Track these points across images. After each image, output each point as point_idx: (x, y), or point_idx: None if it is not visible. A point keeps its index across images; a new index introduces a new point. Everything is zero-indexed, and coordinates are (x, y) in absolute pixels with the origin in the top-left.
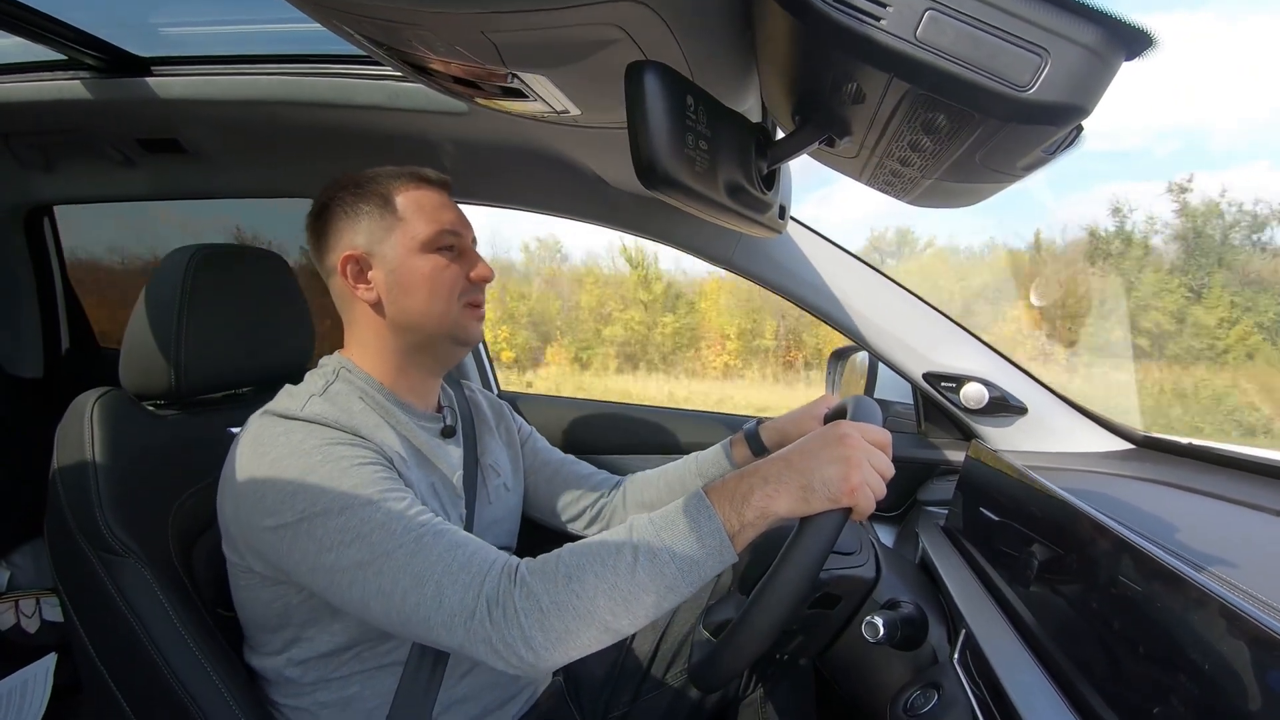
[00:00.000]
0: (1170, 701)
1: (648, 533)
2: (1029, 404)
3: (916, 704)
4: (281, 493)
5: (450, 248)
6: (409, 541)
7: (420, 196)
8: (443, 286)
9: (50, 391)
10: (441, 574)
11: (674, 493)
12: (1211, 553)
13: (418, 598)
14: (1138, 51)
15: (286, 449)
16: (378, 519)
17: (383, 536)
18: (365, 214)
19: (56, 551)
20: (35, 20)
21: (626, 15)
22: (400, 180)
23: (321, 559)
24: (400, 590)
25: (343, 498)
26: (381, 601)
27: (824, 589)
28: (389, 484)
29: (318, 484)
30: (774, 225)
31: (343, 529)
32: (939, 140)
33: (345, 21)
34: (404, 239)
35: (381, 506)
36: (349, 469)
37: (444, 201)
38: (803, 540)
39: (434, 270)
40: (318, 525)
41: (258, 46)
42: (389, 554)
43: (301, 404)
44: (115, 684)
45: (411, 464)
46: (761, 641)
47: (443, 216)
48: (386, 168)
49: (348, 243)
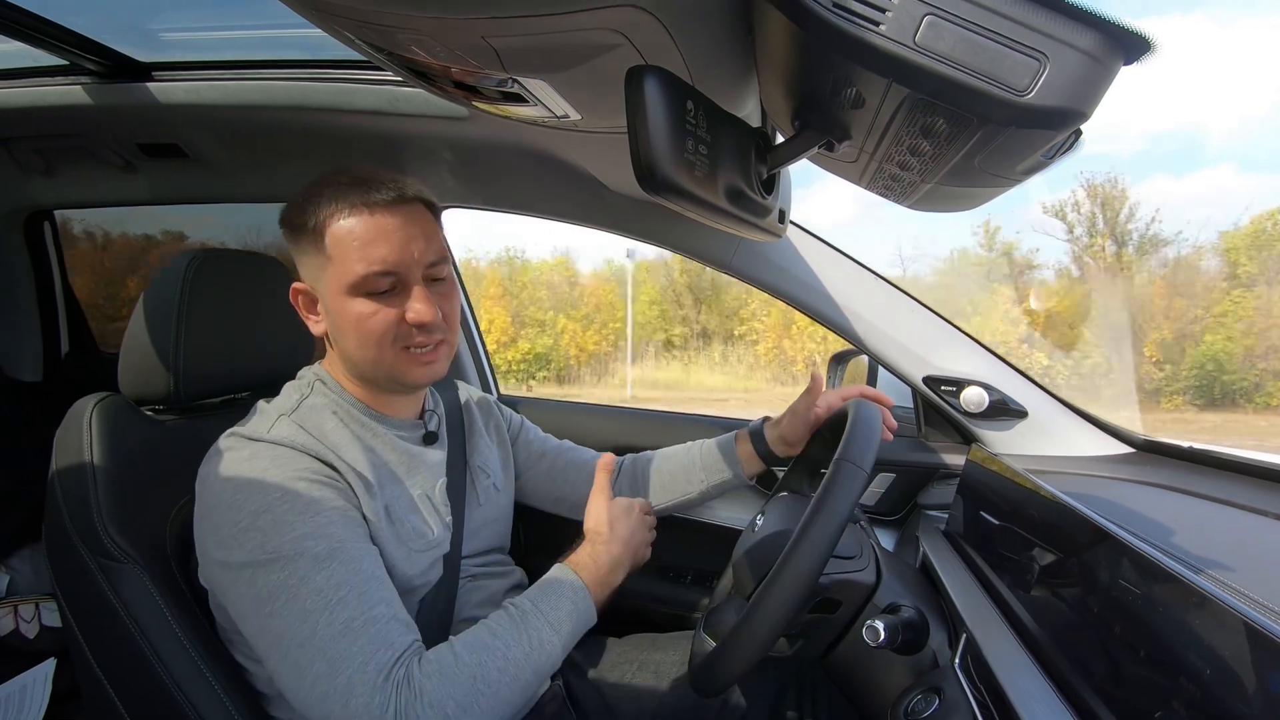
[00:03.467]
0: (1171, 705)
1: (537, 622)
2: (1029, 407)
3: (918, 708)
4: (234, 528)
5: (383, 291)
6: (338, 623)
7: (353, 228)
8: (372, 334)
9: (50, 395)
10: (355, 671)
11: (677, 481)
12: (1211, 556)
13: (327, 688)
14: (1136, 56)
15: (248, 478)
16: (314, 584)
17: (314, 609)
18: (303, 247)
19: (55, 557)
20: (36, 25)
21: (627, 20)
22: (335, 207)
23: (256, 610)
24: (313, 674)
25: (288, 549)
26: (295, 677)
27: (824, 593)
28: (340, 533)
29: (269, 525)
30: (774, 229)
31: (281, 586)
32: (938, 145)
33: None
34: (333, 280)
35: (324, 568)
36: (301, 514)
37: (383, 230)
38: (803, 545)
39: (360, 316)
40: (259, 576)
41: (258, 51)
42: (315, 632)
43: (269, 424)
44: (113, 689)
45: (386, 480)
46: (762, 645)
47: (373, 254)
48: (330, 183)
49: (300, 272)
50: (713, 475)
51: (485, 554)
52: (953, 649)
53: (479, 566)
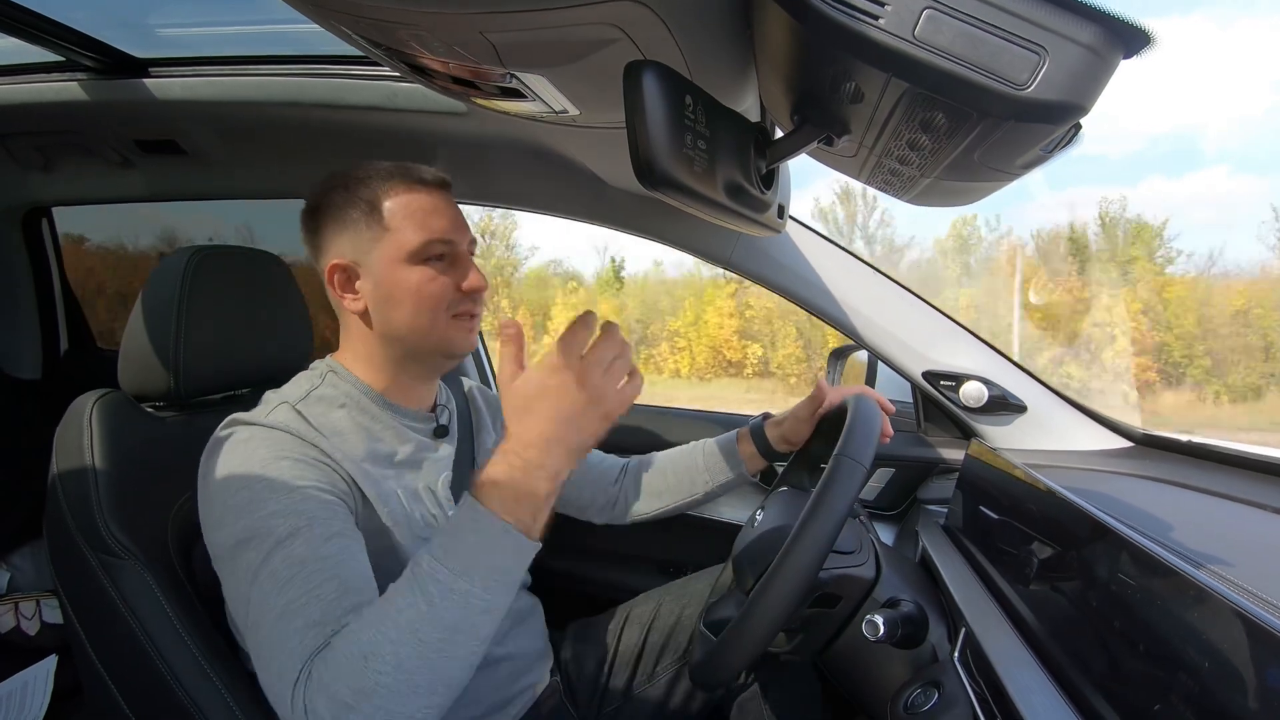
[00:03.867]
0: (1170, 699)
1: (433, 571)
2: (1028, 402)
3: (917, 702)
4: (223, 508)
5: (440, 257)
6: (281, 604)
7: (410, 201)
8: (429, 300)
9: (49, 393)
10: (285, 658)
11: (682, 483)
12: (1210, 550)
13: (266, 676)
14: (1136, 50)
15: (240, 459)
16: (274, 564)
17: (270, 588)
18: (352, 221)
19: (56, 553)
20: (33, 22)
21: (625, 15)
22: (391, 183)
23: (236, 592)
24: (263, 654)
25: (257, 526)
26: (255, 658)
27: (824, 588)
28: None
29: (245, 504)
30: (773, 224)
31: (248, 566)
32: (937, 139)
33: (343, 22)
34: (391, 249)
35: (285, 547)
36: (277, 492)
37: (437, 205)
38: (802, 540)
39: (420, 283)
40: (239, 555)
41: (256, 47)
42: (265, 613)
43: (269, 410)
44: (115, 686)
45: (388, 473)
46: (762, 640)
47: (433, 224)
48: (380, 165)
49: (336, 251)
50: (717, 476)
51: None
52: (952, 643)
53: None
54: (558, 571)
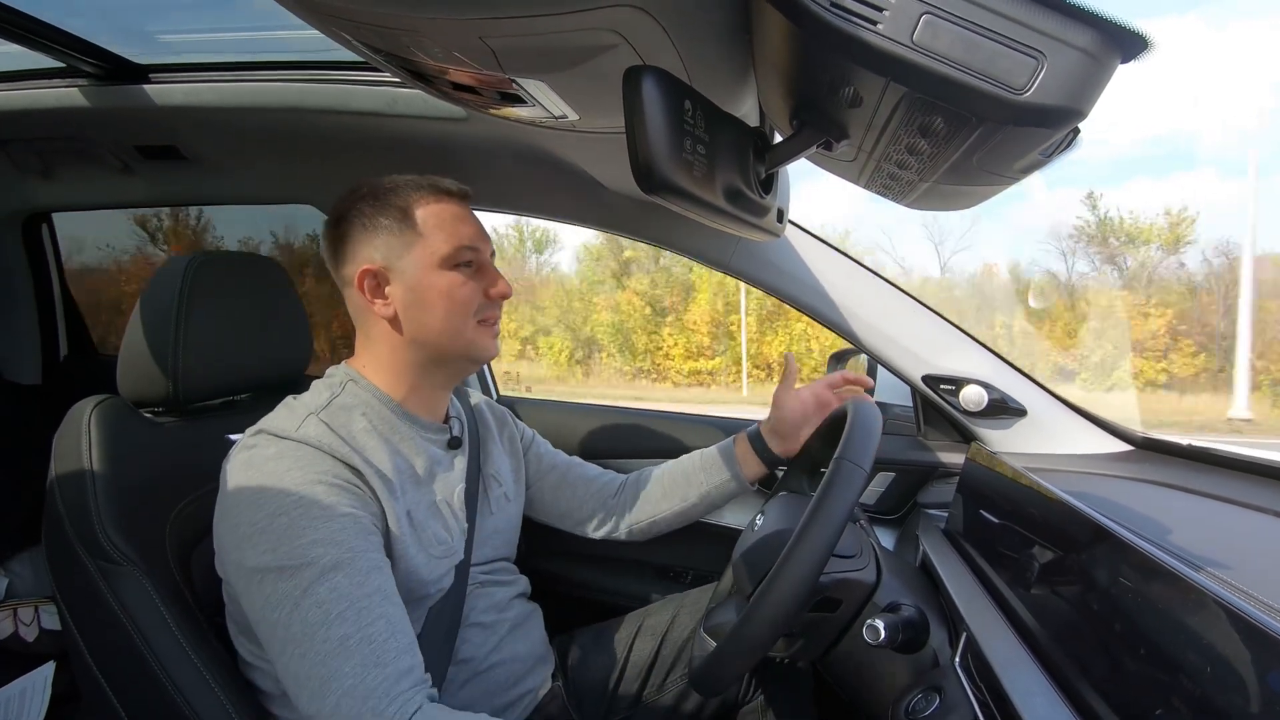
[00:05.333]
0: (1171, 702)
1: None
2: (1028, 406)
3: (918, 707)
4: (251, 528)
5: (469, 264)
6: (334, 638)
7: (440, 210)
8: (460, 304)
9: (49, 398)
10: (345, 691)
11: (676, 494)
12: (1211, 554)
13: (319, 704)
14: (1133, 54)
15: (273, 477)
16: (317, 596)
17: (315, 621)
18: (384, 228)
19: (55, 559)
20: (33, 28)
21: (624, 20)
22: (420, 193)
23: (266, 615)
24: (311, 685)
25: (297, 555)
26: (293, 684)
27: (824, 592)
28: (352, 542)
29: (283, 529)
30: (772, 229)
31: (286, 594)
32: (936, 143)
33: (344, 28)
34: (423, 255)
35: (328, 579)
36: (316, 520)
37: (463, 214)
38: (802, 544)
39: (451, 287)
40: (268, 581)
41: (256, 53)
42: (311, 644)
43: (298, 423)
44: (113, 693)
45: (409, 485)
46: (762, 645)
47: (462, 231)
48: (407, 177)
49: (365, 257)
50: (712, 476)
51: (492, 562)
52: (953, 648)
53: (486, 574)
54: (557, 576)
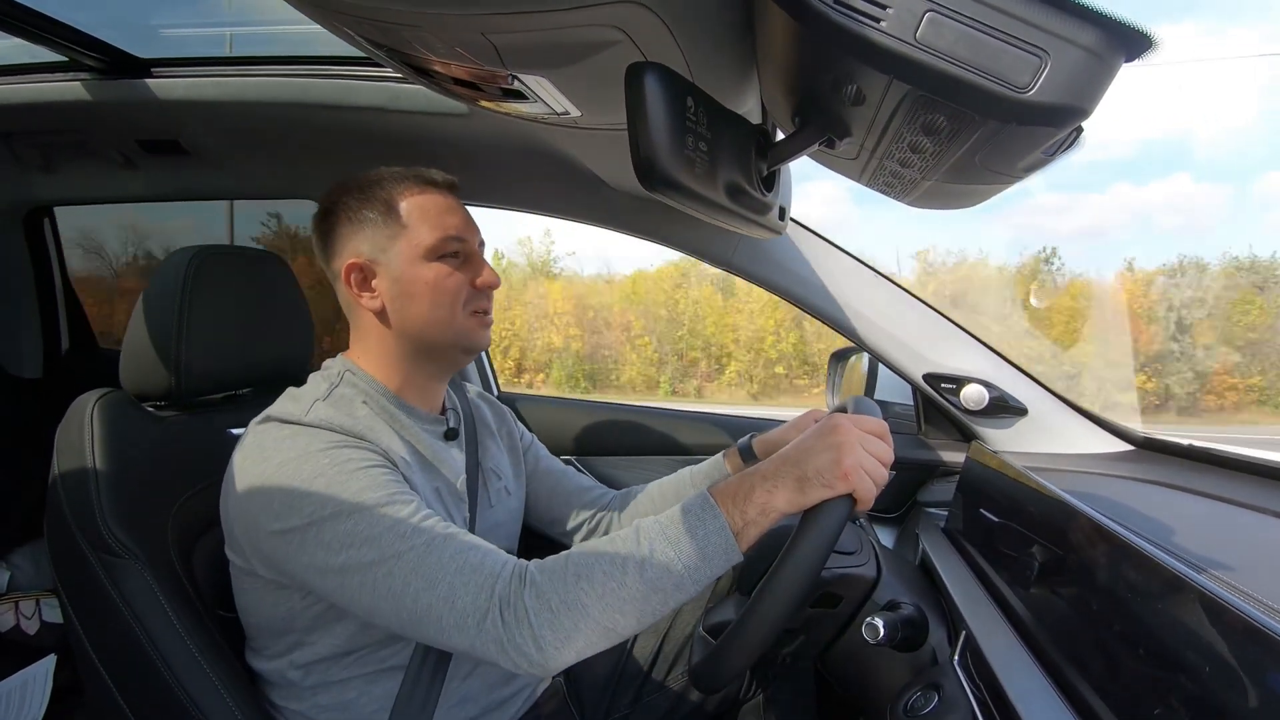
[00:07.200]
0: (1170, 702)
1: (654, 533)
2: (1029, 405)
3: (917, 705)
4: (289, 497)
5: (455, 254)
6: (419, 544)
7: (425, 201)
8: (446, 295)
9: (50, 392)
10: (454, 576)
11: (668, 501)
12: (1210, 554)
13: (430, 599)
14: (1137, 53)
15: (293, 453)
16: (387, 521)
17: (393, 539)
18: (369, 221)
19: (56, 553)
20: (35, 22)
21: (627, 17)
22: (405, 184)
23: (330, 561)
24: (411, 592)
25: (351, 501)
26: (391, 603)
27: (825, 588)
28: (396, 487)
29: (325, 488)
30: (774, 226)
31: (351, 532)
32: (939, 142)
33: (346, 23)
34: (407, 247)
35: (390, 509)
36: (356, 472)
37: (449, 205)
38: (804, 538)
39: (437, 278)
40: (326, 529)
41: (258, 48)
42: (400, 555)
43: (305, 408)
44: (115, 685)
45: (415, 468)
46: (762, 641)
47: (447, 222)
48: (392, 169)
49: (352, 250)
50: (701, 486)
51: None
52: (952, 646)
53: None
54: None
